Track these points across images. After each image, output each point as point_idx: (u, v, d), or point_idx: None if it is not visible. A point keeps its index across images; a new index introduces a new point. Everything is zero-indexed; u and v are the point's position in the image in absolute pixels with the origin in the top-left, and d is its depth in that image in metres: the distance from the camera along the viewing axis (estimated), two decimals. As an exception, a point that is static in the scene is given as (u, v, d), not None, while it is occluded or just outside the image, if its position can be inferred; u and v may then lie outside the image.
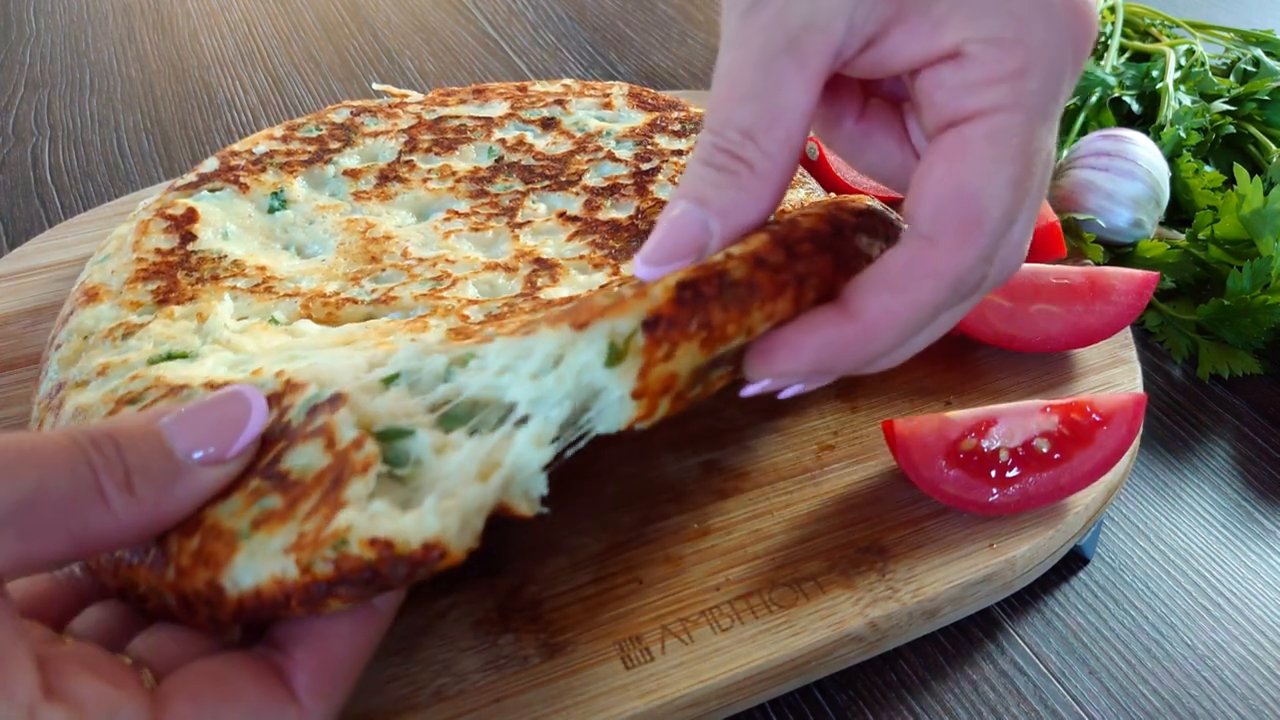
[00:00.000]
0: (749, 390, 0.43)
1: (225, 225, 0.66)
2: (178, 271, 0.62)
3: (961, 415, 0.56)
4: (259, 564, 0.40)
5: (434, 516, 0.39)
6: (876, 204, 0.48)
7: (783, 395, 0.44)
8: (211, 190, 0.68)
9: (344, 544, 0.38)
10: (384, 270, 0.63)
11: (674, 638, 0.49)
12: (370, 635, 0.41)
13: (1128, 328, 0.68)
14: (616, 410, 0.42)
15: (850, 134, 0.46)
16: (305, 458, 0.43)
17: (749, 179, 0.39)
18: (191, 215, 0.66)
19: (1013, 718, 0.52)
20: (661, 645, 0.49)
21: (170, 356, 0.55)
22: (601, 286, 0.55)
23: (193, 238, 0.64)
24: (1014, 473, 0.54)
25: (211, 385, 0.50)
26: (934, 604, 0.52)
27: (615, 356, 0.41)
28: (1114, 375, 0.65)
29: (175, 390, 0.50)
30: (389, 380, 0.48)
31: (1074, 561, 0.60)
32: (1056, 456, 0.55)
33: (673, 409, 0.43)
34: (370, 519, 0.39)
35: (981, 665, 0.55)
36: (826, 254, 0.43)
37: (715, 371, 0.44)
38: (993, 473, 0.54)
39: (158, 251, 0.63)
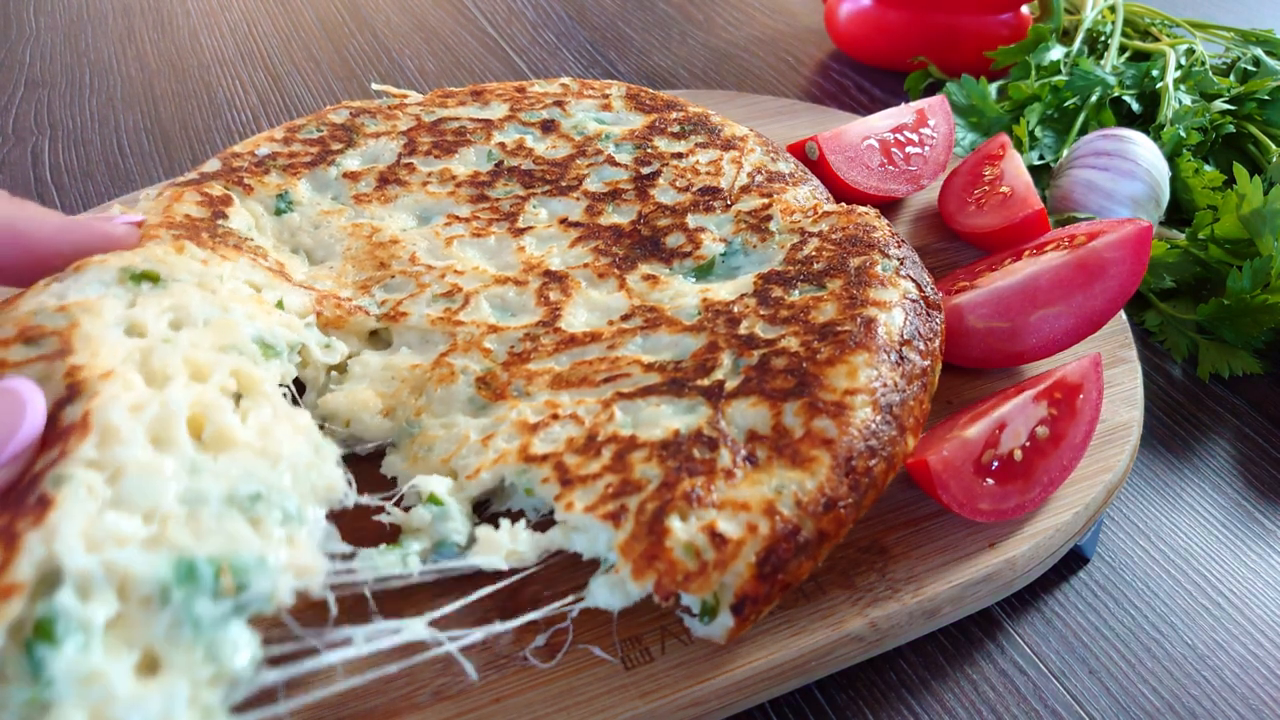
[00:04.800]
0: None
1: (251, 221, 0.67)
2: (202, 233, 0.61)
3: (975, 431, 0.55)
4: None
5: None
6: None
7: None
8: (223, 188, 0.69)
9: None
10: (393, 277, 0.64)
11: (674, 638, 0.49)
12: None
13: (1128, 328, 0.68)
14: (713, 634, 0.48)
15: None
16: None
17: None
18: (227, 199, 0.66)
19: (1013, 717, 0.52)
20: (661, 645, 0.49)
21: (144, 275, 0.52)
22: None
23: (224, 216, 0.65)
24: (1030, 468, 0.55)
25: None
26: (934, 604, 0.52)
27: (709, 612, 0.47)
28: (1114, 375, 0.65)
29: (68, 333, 0.47)
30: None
31: (1074, 561, 0.60)
32: (1054, 437, 0.56)
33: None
34: None
35: (981, 665, 0.55)
36: (884, 459, 0.50)
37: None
38: (1016, 476, 0.55)
39: (188, 217, 0.63)
